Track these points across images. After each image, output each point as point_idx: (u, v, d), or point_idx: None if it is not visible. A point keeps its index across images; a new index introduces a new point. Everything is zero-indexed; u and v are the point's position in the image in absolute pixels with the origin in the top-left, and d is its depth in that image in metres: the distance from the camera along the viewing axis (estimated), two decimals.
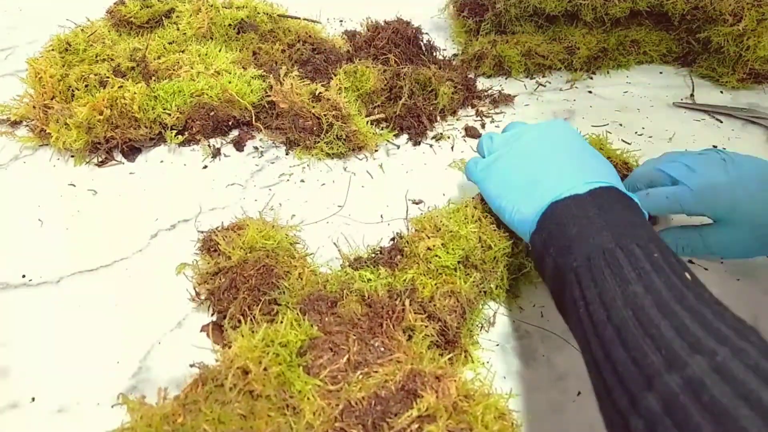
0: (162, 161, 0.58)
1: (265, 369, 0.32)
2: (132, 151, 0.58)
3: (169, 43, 0.67)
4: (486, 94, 0.69)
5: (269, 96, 0.60)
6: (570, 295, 0.32)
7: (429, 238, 0.42)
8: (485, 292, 0.42)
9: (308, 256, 0.46)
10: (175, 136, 0.58)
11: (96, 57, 0.63)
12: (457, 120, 0.66)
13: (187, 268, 0.46)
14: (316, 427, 0.31)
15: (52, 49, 0.63)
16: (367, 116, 0.61)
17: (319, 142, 0.58)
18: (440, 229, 0.42)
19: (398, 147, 0.61)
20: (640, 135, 0.63)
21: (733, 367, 0.23)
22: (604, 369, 0.28)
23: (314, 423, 0.31)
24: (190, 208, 0.52)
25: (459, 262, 0.41)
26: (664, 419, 0.24)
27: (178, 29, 0.69)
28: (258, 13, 0.70)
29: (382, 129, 0.63)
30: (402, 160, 0.60)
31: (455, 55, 0.78)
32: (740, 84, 0.71)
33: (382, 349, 0.35)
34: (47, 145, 0.58)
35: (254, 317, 0.38)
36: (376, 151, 0.61)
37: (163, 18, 0.70)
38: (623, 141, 0.62)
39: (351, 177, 0.57)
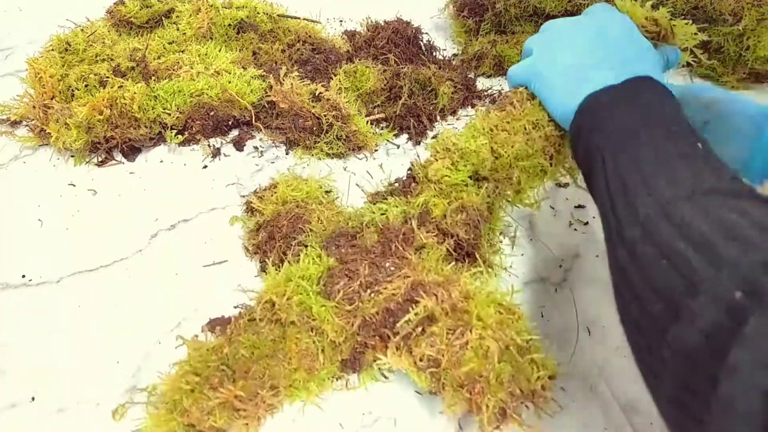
0: (162, 161, 0.58)
1: (288, 299, 0.36)
2: (132, 151, 0.58)
3: (169, 43, 0.67)
4: (486, 94, 0.69)
5: (269, 96, 0.60)
6: (596, 171, 0.35)
7: (438, 160, 0.43)
8: (505, 199, 0.43)
9: (335, 200, 0.50)
10: (175, 136, 0.58)
11: (96, 57, 0.63)
12: (457, 120, 0.66)
13: (236, 221, 0.51)
14: (339, 343, 0.36)
15: (52, 49, 0.63)
16: (367, 116, 0.61)
17: (319, 142, 0.58)
18: (450, 148, 0.43)
19: (398, 147, 0.61)
20: None
21: (706, 200, 0.28)
22: (611, 219, 0.31)
23: (337, 340, 0.36)
24: (190, 208, 0.52)
25: (470, 177, 0.42)
26: (641, 242, 0.28)
27: (178, 29, 0.69)
28: (258, 13, 0.70)
29: (382, 129, 0.63)
30: (402, 160, 0.60)
31: (455, 55, 0.78)
32: (740, 84, 0.70)
33: (392, 268, 0.38)
34: (47, 145, 0.58)
35: (288, 261, 0.42)
36: (375, 151, 0.61)
37: (163, 18, 0.70)
38: None
39: (351, 177, 0.57)
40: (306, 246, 0.42)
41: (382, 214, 0.43)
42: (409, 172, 0.47)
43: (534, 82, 0.43)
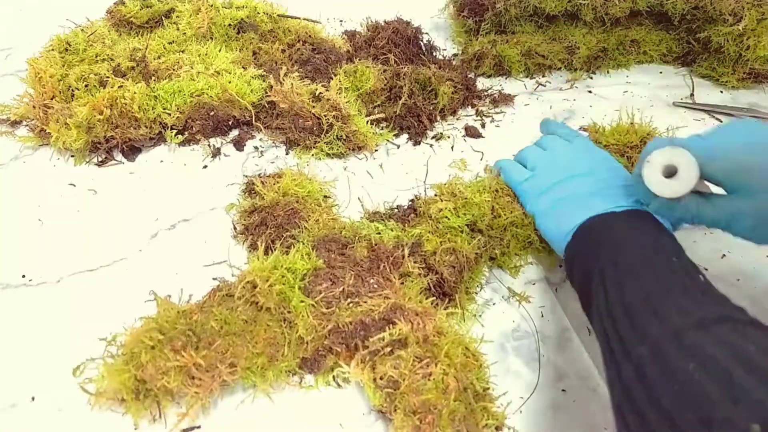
0: (162, 161, 0.58)
1: (270, 285, 0.37)
2: (132, 150, 0.58)
3: (169, 43, 0.67)
4: (486, 93, 0.69)
5: (269, 96, 0.60)
6: (594, 291, 0.36)
7: (442, 201, 0.46)
8: (490, 257, 0.46)
9: (334, 207, 0.51)
10: (175, 135, 0.58)
11: (96, 57, 0.63)
12: (457, 120, 0.66)
13: (233, 207, 0.52)
14: (306, 341, 0.37)
15: (52, 49, 0.63)
16: (367, 116, 0.61)
17: (319, 142, 0.58)
18: (456, 194, 0.47)
19: (398, 147, 0.61)
20: None
21: (718, 328, 0.28)
22: (613, 341, 0.31)
23: (306, 337, 0.37)
24: (190, 208, 0.52)
25: (467, 225, 0.45)
26: (650, 362, 0.28)
27: (178, 29, 0.69)
28: (258, 13, 0.70)
29: (382, 129, 0.63)
30: (402, 160, 0.60)
31: (455, 55, 0.78)
32: (740, 84, 0.70)
33: (376, 285, 0.40)
34: (47, 144, 0.58)
35: (275, 249, 0.42)
36: (376, 151, 0.61)
37: (163, 18, 0.70)
38: None
39: (351, 177, 0.57)
40: (297, 241, 0.43)
41: (378, 233, 0.44)
42: (410, 202, 0.50)
43: (529, 200, 0.47)
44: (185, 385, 0.34)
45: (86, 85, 0.58)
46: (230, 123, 0.61)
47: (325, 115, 0.57)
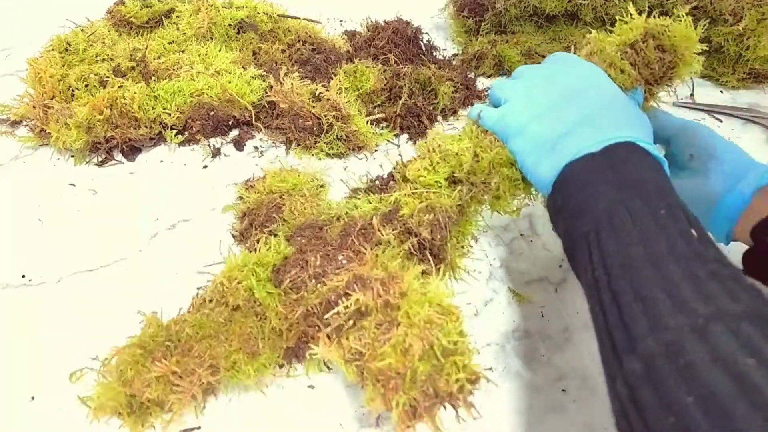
0: (162, 161, 0.58)
1: (238, 283, 0.38)
2: (132, 151, 0.58)
3: (169, 43, 0.67)
4: (486, 94, 0.69)
5: (269, 96, 0.60)
6: (581, 260, 0.32)
7: (417, 159, 0.42)
8: (479, 203, 0.42)
9: (322, 194, 0.51)
10: (175, 136, 0.58)
11: (96, 57, 0.63)
12: (458, 120, 0.66)
13: (230, 209, 0.52)
14: (282, 330, 0.37)
15: (52, 49, 0.63)
16: (367, 116, 0.61)
17: (318, 142, 0.58)
18: (434, 149, 0.42)
19: (398, 147, 0.61)
20: None
21: (713, 330, 0.23)
22: (603, 333, 0.28)
23: (280, 327, 0.37)
24: (190, 208, 0.52)
25: (446, 179, 0.41)
26: (643, 381, 0.24)
27: (178, 29, 0.69)
28: (258, 13, 0.70)
29: (382, 129, 0.63)
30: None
31: (455, 55, 0.78)
32: (740, 84, 0.71)
33: (344, 261, 0.38)
34: (47, 145, 0.58)
35: (253, 248, 0.42)
36: (375, 151, 0.61)
37: (163, 18, 0.70)
38: None
39: (341, 173, 0.57)
40: (275, 235, 0.43)
41: (355, 209, 0.43)
42: (391, 170, 0.47)
43: (507, 140, 0.41)
44: (166, 393, 0.34)
45: (86, 85, 0.58)
46: (230, 123, 0.61)
47: (325, 115, 0.57)
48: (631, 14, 0.42)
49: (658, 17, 0.41)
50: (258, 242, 0.42)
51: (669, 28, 0.41)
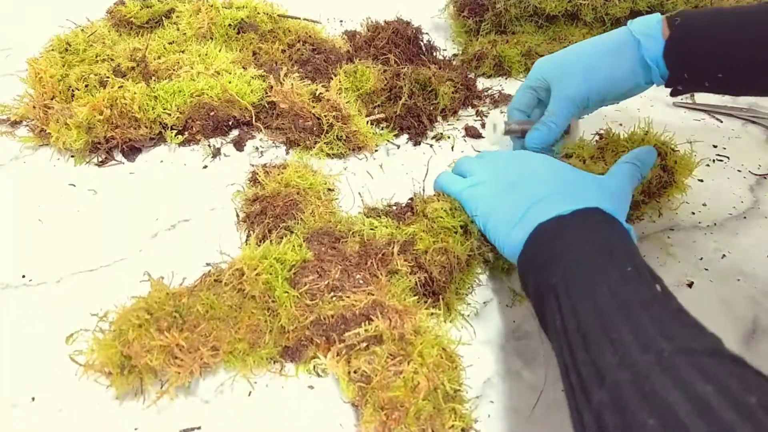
0: (162, 161, 0.58)
1: (257, 274, 0.38)
2: (132, 151, 0.58)
3: (169, 43, 0.67)
4: (486, 94, 0.69)
5: (269, 96, 0.60)
6: (549, 311, 0.33)
7: (439, 200, 0.46)
8: (484, 260, 0.45)
9: (334, 200, 0.52)
10: (175, 136, 0.58)
11: (96, 57, 0.63)
12: (458, 120, 0.66)
13: (239, 195, 0.53)
14: (288, 330, 0.38)
15: (52, 49, 0.63)
16: (367, 116, 0.61)
17: (318, 142, 0.58)
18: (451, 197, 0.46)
19: (398, 147, 0.61)
20: None
21: (677, 362, 0.25)
22: (571, 374, 0.29)
23: (288, 327, 0.38)
24: (190, 208, 0.52)
25: (461, 227, 0.44)
26: (609, 408, 0.25)
27: (178, 29, 0.69)
28: (258, 13, 0.70)
29: (382, 129, 0.63)
30: (402, 160, 0.60)
31: (455, 55, 0.78)
32: None
33: (361, 281, 0.40)
34: (47, 145, 0.58)
35: (271, 240, 0.43)
36: (376, 151, 0.61)
37: (163, 18, 0.70)
38: None
39: (353, 183, 0.57)
40: (291, 232, 0.44)
41: (372, 229, 0.45)
42: (409, 201, 0.49)
43: (473, 207, 0.44)
44: (167, 364, 0.35)
45: (86, 86, 0.58)
46: (230, 123, 0.61)
47: (325, 116, 0.57)
48: (647, 130, 0.52)
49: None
50: (270, 232, 0.45)
51: (675, 151, 0.50)
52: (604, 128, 0.55)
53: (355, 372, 0.36)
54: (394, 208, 0.49)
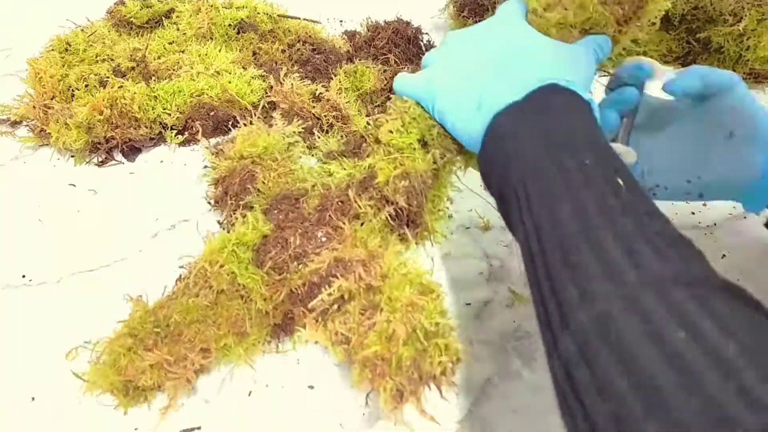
0: (162, 161, 0.58)
1: (220, 267, 0.37)
2: (132, 151, 0.58)
3: (169, 43, 0.67)
4: None
5: (269, 96, 0.60)
6: (513, 218, 0.31)
7: (388, 121, 0.40)
8: (453, 165, 0.41)
9: (292, 155, 0.48)
10: (175, 136, 0.59)
11: (96, 57, 0.63)
12: None
13: (206, 177, 0.50)
14: (268, 311, 0.37)
15: (52, 49, 0.63)
16: (367, 116, 0.61)
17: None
18: (405, 110, 0.40)
19: None
20: None
21: (643, 299, 0.22)
22: (538, 306, 0.27)
23: (265, 308, 0.37)
24: (190, 208, 0.52)
25: (417, 141, 0.39)
26: (578, 362, 0.23)
27: (178, 29, 0.69)
28: (258, 13, 0.70)
29: None
30: None
31: None
32: None
33: (324, 239, 0.38)
34: (47, 145, 0.58)
35: (233, 222, 0.41)
36: None
37: (163, 18, 0.70)
38: None
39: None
40: (251, 208, 0.42)
41: (329, 176, 0.41)
42: (364, 131, 0.45)
43: (431, 103, 0.38)
44: (163, 379, 0.35)
45: (86, 86, 0.58)
46: (230, 123, 0.61)
47: (325, 115, 0.57)
48: None
49: None
50: (233, 214, 0.42)
51: None
52: None
53: (336, 335, 0.34)
54: (351, 146, 0.45)
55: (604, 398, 0.21)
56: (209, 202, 0.49)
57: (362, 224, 0.38)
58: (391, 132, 0.39)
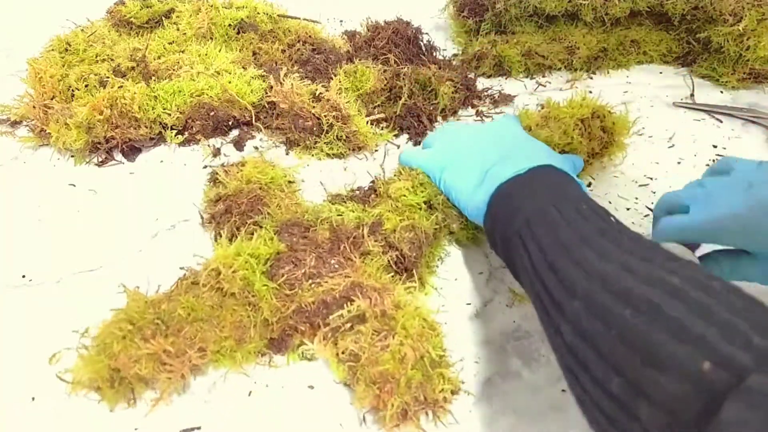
0: (162, 161, 0.58)
1: (234, 271, 0.38)
2: (132, 151, 0.58)
3: (169, 43, 0.67)
4: (486, 94, 0.69)
5: (269, 96, 0.60)
6: (518, 255, 0.36)
7: (400, 180, 0.48)
8: (449, 231, 0.48)
9: (297, 192, 0.52)
10: (175, 136, 0.59)
11: (96, 57, 0.63)
12: (458, 120, 0.66)
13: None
14: (272, 322, 0.39)
15: (52, 49, 0.63)
16: (367, 116, 0.61)
17: (318, 142, 0.58)
18: (413, 175, 0.49)
19: (398, 147, 0.61)
20: (641, 135, 0.63)
21: (642, 267, 0.28)
22: (543, 296, 0.32)
23: (270, 319, 0.38)
24: (190, 208, 0.52)
25: (424, 202, 0.46)
26: (584, 313, 0.28)
27: (178, 29, 0.69)
28: (258, 13, 0.70)
29: (382, 129, 0.63)
30: None
31: (455, 55, 0.78)
32: (740, 84, 0.70)
33: (336, 266, 0.41)
34: (47, 145, 0.58)
35: (240, 237, 0.43)
36: (376, 151, 0.61)
37: (163, 18, 0.70)
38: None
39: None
40: (261, 227, 0.45)
41: (339, 215, 0.45)
42: (371, 184, 0.51)
43: (438, 175, 0.47)
44: (157, 371, 0.35)
45: (86, 86, 0.58)
46: (230, 123, 0.61)
47: (325, 116, 0.57)
48: (584, 96, 0.55)
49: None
50: (239, 230, 0.45)
51: (611, 113, 0.54)
52: (544, 100, 0.57)
53: (343, 353, 0.37)
54: (358, 192, 0.51)
55: (609, 328, 0.26)
56: (203, 217, 0.50)
57: (372, 260, 0.42)
58: (400, 190, 0.47)
